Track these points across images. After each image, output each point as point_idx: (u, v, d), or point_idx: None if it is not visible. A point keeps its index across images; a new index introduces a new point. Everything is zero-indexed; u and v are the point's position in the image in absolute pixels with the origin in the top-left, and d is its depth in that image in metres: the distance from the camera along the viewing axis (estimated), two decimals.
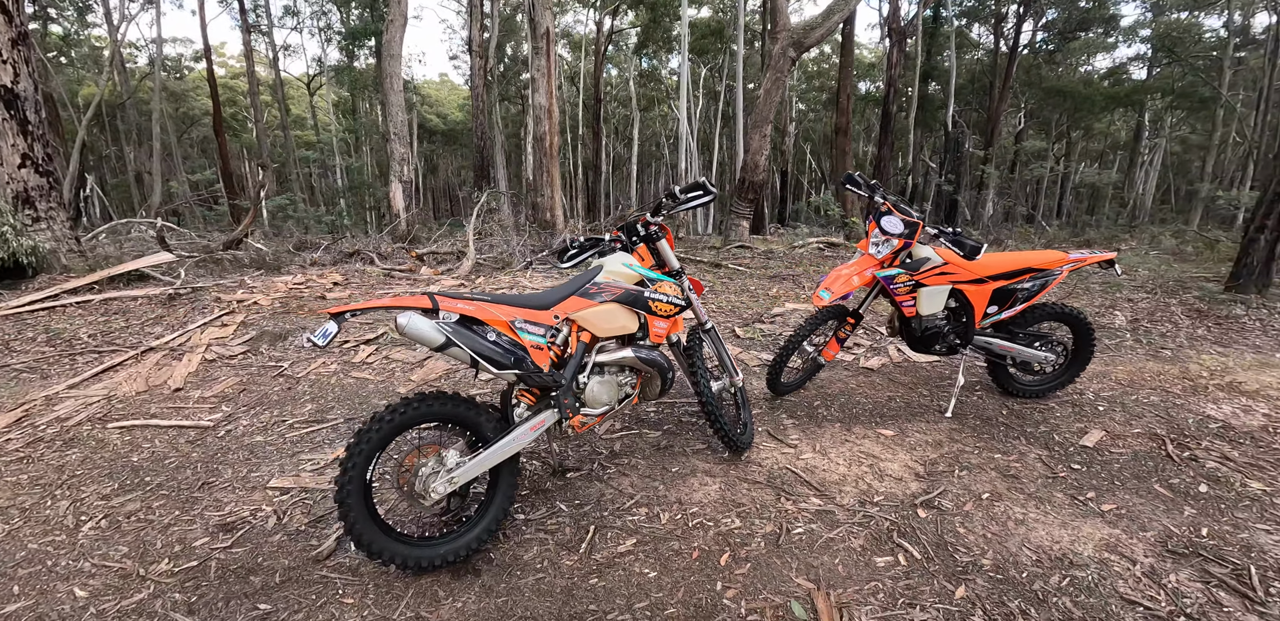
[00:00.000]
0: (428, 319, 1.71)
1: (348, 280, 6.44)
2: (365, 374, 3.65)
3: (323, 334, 1.62)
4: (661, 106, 24.17)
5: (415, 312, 1.70)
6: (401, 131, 9.14)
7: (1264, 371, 3.85)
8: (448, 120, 29.81)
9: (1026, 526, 2.19)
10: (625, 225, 2.30)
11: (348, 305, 1.68)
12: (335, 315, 1.65)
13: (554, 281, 6.34)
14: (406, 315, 1.68)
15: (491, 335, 1.79)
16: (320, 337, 1.61)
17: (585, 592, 1.78)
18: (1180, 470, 2.62)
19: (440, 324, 1.71)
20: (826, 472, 2.49)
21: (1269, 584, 1.93)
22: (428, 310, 1.73)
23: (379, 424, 1.71)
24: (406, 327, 1.66)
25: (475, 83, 13.39)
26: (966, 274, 2.76)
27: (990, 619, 1.74)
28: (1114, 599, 1.85)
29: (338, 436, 2.82)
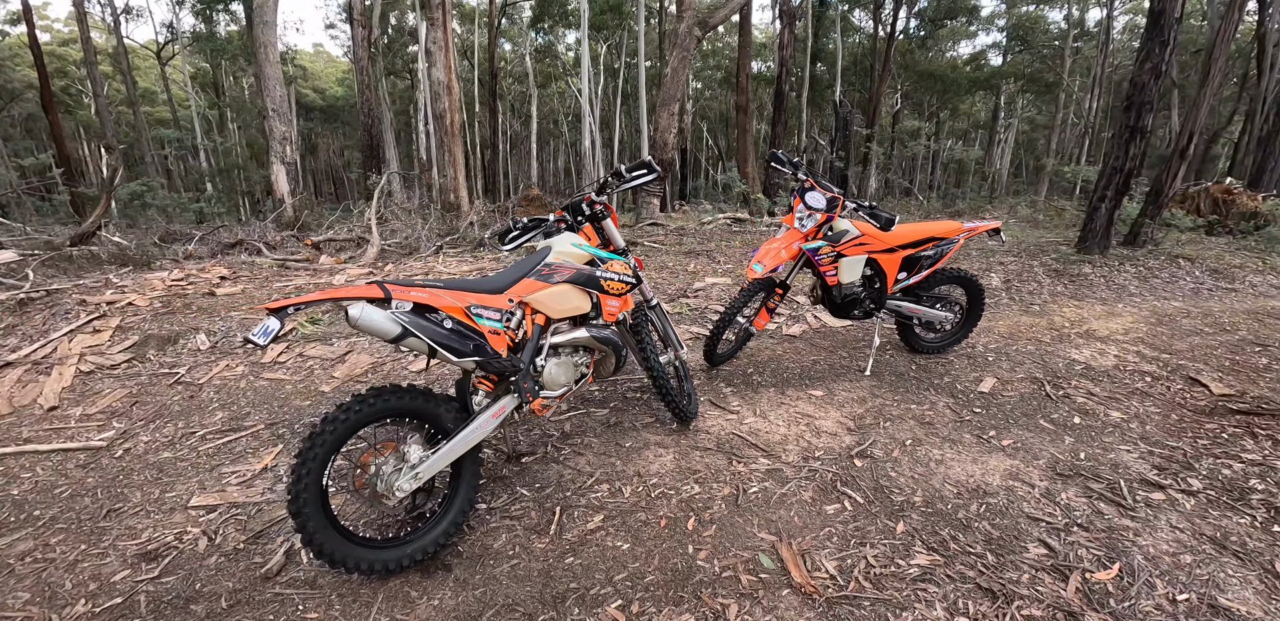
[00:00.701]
0: (380, 309, 1.61)
1: (236, 274, 5.82)
2: (280, 374, 3.36)
3: (263, 332, 1.47)
4: (559, 83, 23.54)
5: (366, 303, 1.59)
6: (281, 107, 8.27)
7: (1110, 320, 4.53)
8: (326, 96, 27.20)
9: (945, 465, 2.46)
10: (569, 205, 2.27)
11: (289, 298, 1.54)
12: (275, 311, 1.50)
13: (470, 266, 6.10)
14: (358, 306, 1.57)
15: (448, 322, 1.72)
16: (260, 336, 1.47)
17: (563, 572, 1.80)
18: (1058, 406, 3.04)
19: (395, 314, 1.61)
20: (770, 434, 2.65)
21: (1135, 493, 2.32)
22: (379, 300, 1.62)
23: (332, 425, 1.61)
24: (359, 319, 1.56)
25: (358, 55, 12.29)
26: (880, 244, 3.00)
27: (928, 546, 1.96)
28: (1022, 518, 2.14)
29: (261, 444, 2.59)
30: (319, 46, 33.91)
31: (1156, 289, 5.62)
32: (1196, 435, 2.83)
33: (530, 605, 1.68)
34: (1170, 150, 6.00)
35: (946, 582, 1.82)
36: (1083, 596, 1.80)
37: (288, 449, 2.54)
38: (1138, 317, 4.66)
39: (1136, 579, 1.87)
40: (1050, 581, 1.85)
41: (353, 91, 25.39)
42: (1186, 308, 5.08)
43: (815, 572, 1.83)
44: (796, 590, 1.76)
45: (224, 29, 20.17)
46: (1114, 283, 5.68)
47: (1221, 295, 5.66)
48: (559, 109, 25.54)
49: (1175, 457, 2.60)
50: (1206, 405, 3.17)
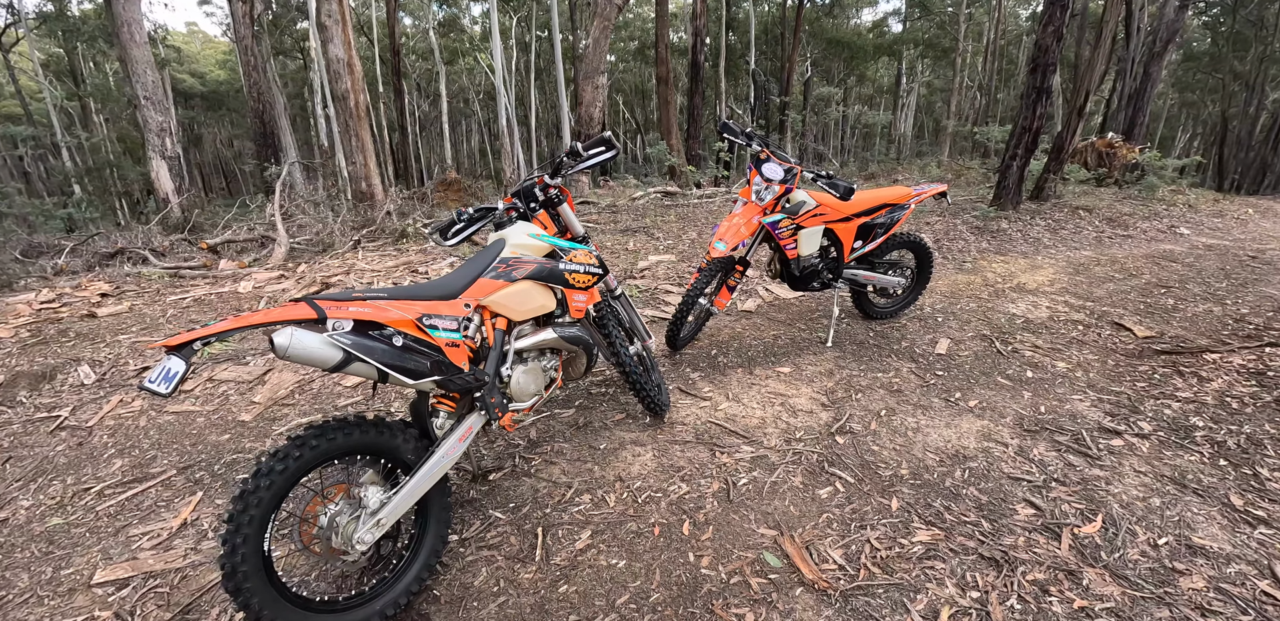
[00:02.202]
0: (314, 332, 1.33)
1: (120, 289, 5.08)
2: (187, 405, 2.91)
3: (164, 377, 1.17)
4: (466, 59, 22.17)
5: (295, 327, 1.31)
6: (155, 95, 7.21)
7: (1035, 272, 4.76)
8: (207, 80, 24.32)
9: (922, 433, 2.46)
10: (520, 190, 2.01)
11: (193, 331, 1.23)
12: (176, 349, 1.20)
13: (395, 261, 5.62)
14: (285, 332, 1.29)
15: (398, 339, 1.46)
16: (162, 383, 1.17)
17: (559, 604, 1.63)
18: (1009, 362, 3.14)
19: (332, 336, 1.34)
20: (746, 418, 2.56)
21: (1097, 442, 2.40)
22: (311, 321, 1.34)
23: (268, 478, 1.33)
24: (290, 348, 1.28)
25: (241, 33, 10.90)
26: (836, 213, 2.93)
27: (925, 521, 1.94)
28: (1004, 479, 2.17)
29: (174, 494, 2.21)
30: (193, 25, 29.56)
31: (1066, 240, 6.00)
32: (1134, 378, 3.00)
33: None
34: (1067, 109, 6.36)
35: (951, 557, 1.80)
36: (1076, 553, 1.83)
37: (209, 496, 2.18)
38: (1057, 268, 4.94)
39: (1119, 529, 1.92)
40: (1045, 541, 1.87)
41: (236, 74, 22.83)
42: (1095, 256, 5.44)
43: (823, 565, 1.76)
44: (809, 587, 1.68)
45: (76, 7, 17.33)
46: (1029, 236, 6.00)
47: (1120, 242, 6.11)
48: (469, 86, 24.17)
49: (1122, 402, 2.74)
50: (1135, 348, 3.37)
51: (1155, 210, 7.60)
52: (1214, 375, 3.01)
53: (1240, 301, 4.26)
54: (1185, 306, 4.12)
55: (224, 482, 2.27)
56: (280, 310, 1.33)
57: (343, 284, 4.77)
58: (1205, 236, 6.55)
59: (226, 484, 2.26)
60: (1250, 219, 7.80)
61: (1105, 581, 1.72)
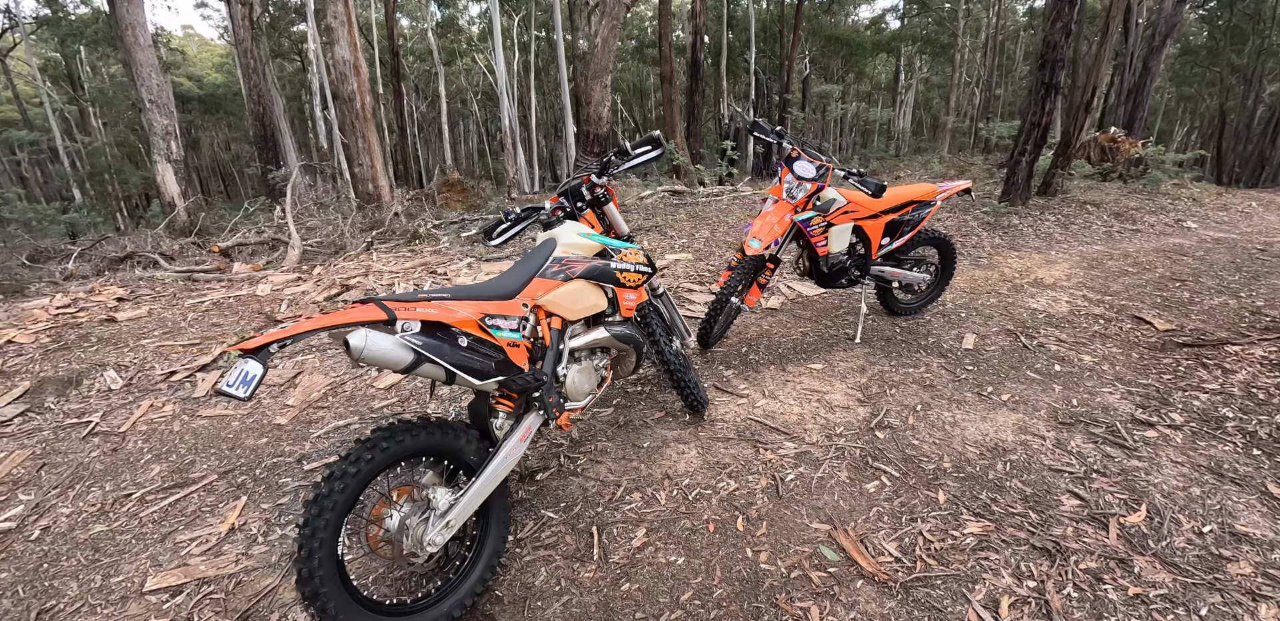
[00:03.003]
0: (385, 333, 1.35)
1: (135, 293, 5.08)
2: (220, 410, 2.91)
3: (242, 380, 1.18)
4: (464, 59, 22.12)
5: (368, 328, 1.32)
6: (161, 98, 7.19)
7: (1050, 267, 4.80)
8: (204, 84, 24.17)
9: (959, 427, 2.49)
10: (567, 189, 2.02)
11: (268, 334, 1.23)
12: (253, 352, 1.21)
13: (412, 262, 5.63)
14: (360, 334, 1.30)
15: (463, 340, 1.48)
16: (240, 386, 1.17)
17: (623, 602, 1.65)
18: (1036, 356, 3.17)
19: (404, 337, 1.35)
20: (785, 415, 2.59)
21: (1131, 433, 2.44)
22: (381, 322, 1.35)
23: (340, 482, 1.34)
24: (365, 351, 1.29)
25: (240, 36, 10.85)
26: (864, 211, 2.96)
27: (974, 512, 1.97)
28: (1045, 471, 2.20)
29: (218, 499, 2.20)
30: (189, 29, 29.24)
31: (1077, 234, 6.04)
32: (1160, 371, 3.03)
33: None
34: (1075, 104, 6.41)
35: (1003, 547, 1.83)
36: (1125, 542, 1.86)
37: (253, 501, 2.18)
38: (1072, 263, 4.98)
39: (1164, 518, 1.95)
40: (1093, 531, 1.90)
41: (233, 77, 22.71)
42: (1108, 250, 5.48)
43: (880, 557, 1.79)
44: (869, 579, 1.70)
45: (74, 10, 17.13)
46: (1040, 231, 6.04)
47: (1130, 236, 6.16)
48: (466, 87, 24.12)
49: (1151, 395, 2.78)
50: (1157, 341, 3.41)
51: (1161, 204, 7.65)
52: (1237, 367, 3.05)
53: (1254, 294, 4.30)
54: (1201, 299, 4.16)
55: (267, 487, 2.27)
56: (351, 312, 1.34)
57: (362, 286, 4.78)
58: (1212, 230, 6.60)
59: (270, 488, 2.26)
60: (1254, 212, 7.87)
61: (1156, 569, 1.75)
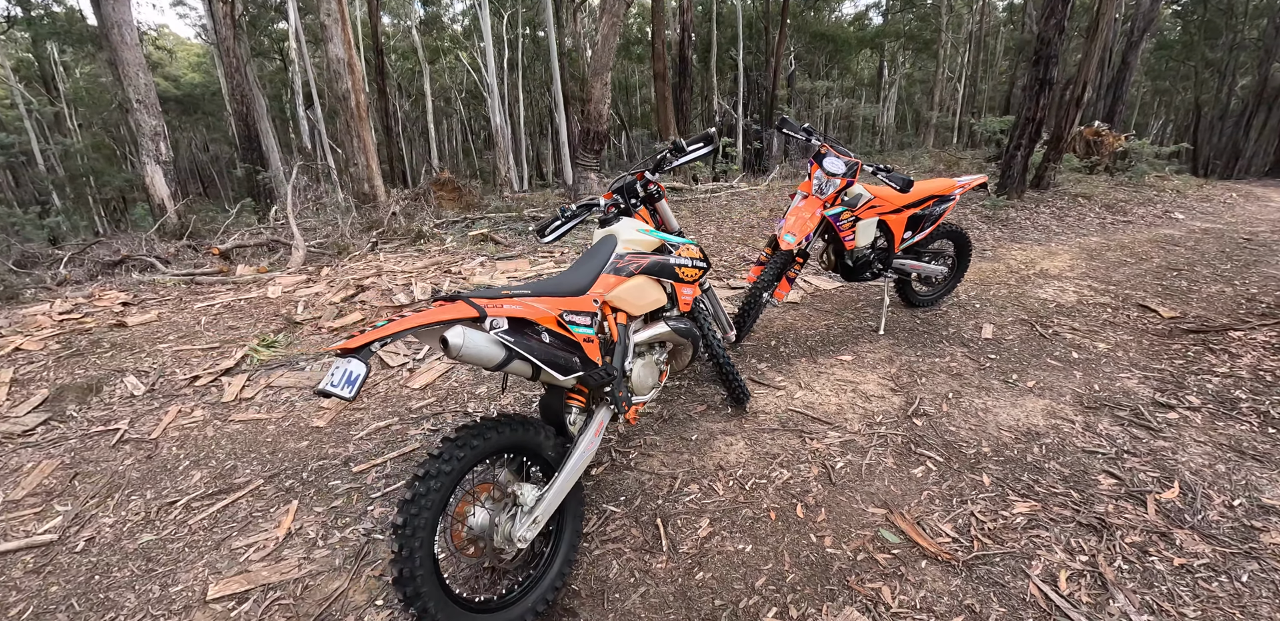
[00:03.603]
0: (478, 331, 1.37)
1: (139, 298, 5.00)
2: (253, 414, 2.89)
3: (347, 380, 1.18)
4: (448, 57, 21.89)
5: (464, 326, 1.35)
6: (148, 98, 7.04)
7: (1053, 258, 4.93)
8: (181, 84, 23.58)
9: (991, 413, 2.58)
10: (622, 186, 2.06)
11: (366, 333, 1.23)
12: (353, 351, 1.21)
13: (425, 262, 5.60)
14: (458, 331, 1.32)
15: (545, 336, 1.51)
16: (345, 386, 1.17)
17: (700, 590, 1.69)
18: (1053, 344, 3.28)
19: (497, 334, 1.38)
20: (824, 405, 2.65)
21: (1154, 415, 2.54)
22: (472, 319, 1.38)
23: (438, 479, 1.34)
24: (464, 348, 1.31)
25: (222, 34, 10.62)
26: (888, 205, 3.03)
27: (1019, 494, 2.05)
28: (1079, 453, 2.29)
29: (268, 504, 2.18)
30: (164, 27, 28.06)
31: (1073, 226, 6.21)
32: (1170, 356, 3.16)
33: None
34: (1065, 99, 6.58)
35: (1053, 525, 1.91)
36: (1163, 516, 1.95)
37: (305, 504, 2.17)
38: (1073, 255, 5.13)
39: (1195, 493, 2.05)
40: (1132, 508, 1.99)
41: (211, 77, 22.20)
42: (1104, 241, 5.64)
43: (938, 538, 1.86)
44: (933, 559, 1.77)
45: (47, 10, 16.55)
46: (1038, 224, 6.20)
47: (1122, 227, 6.34)
48: (451, 85, 23.88)
49: (1166, 379, 2.89)
50: (1164, 328, 3.54)
51: (1147, 196, 7.88)
52: (1243, 351, 3.18)
53: (1248, 282, 4.48)
54: (1199, 288, 4.32)
55: (317, 490, 2.26)
56: (443, 310, 1.36)
57: (376, 287, 4.76)
58: (1199, 220, 6.82)
59: (320, 491, 2.25)
60: (1236, 203, 8.13)
61: (1195, 540, 1.85)
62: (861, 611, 1.60)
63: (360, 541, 1.94)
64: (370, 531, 1.98)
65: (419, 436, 2.56)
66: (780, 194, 7.75)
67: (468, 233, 6.75)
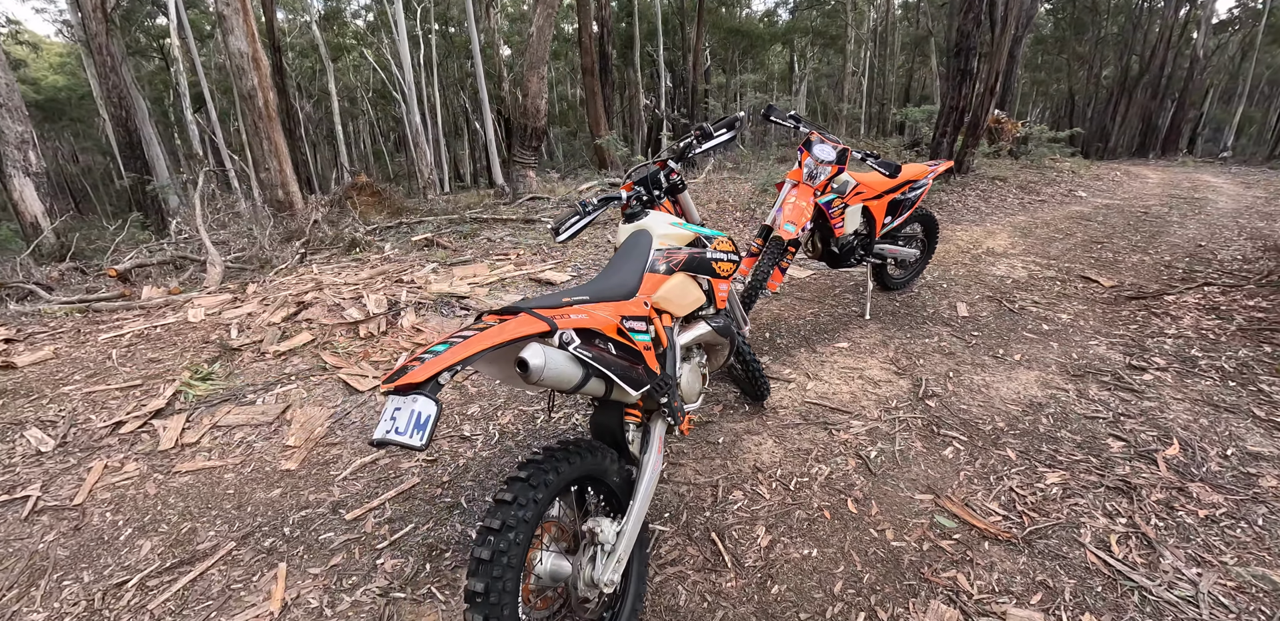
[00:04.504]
0: (555, 348, 1.20)
1: (24, 333, 4.29)
2: (202, 461, 2.46)
3: (415, 425, 0.96)
4: (351, 54, 20.51)
5: (538, 343, 1.17)
6: (11, 101, 6.04)
7: (993, 238, 5.24)
8: (41, 87, 20.63)
9: (992, 388, 2.66)
10: (645, 177, 1.91)
11: (429, 364, 1.01)
12: (416, 387, 0.99)
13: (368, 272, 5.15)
14: (536, 350, 1.13)
15: (612, 346, 1.35)
16: (413, 433, 0.95)
17: (779, 605, 1.59)
18: (1023, 318, 3.45)
19: (575, 351, 1.21)
20: (837, 395, 2.64)
21: (1133, 378, 2.72)
22: (544, 334, 1.20)
23: (517, 530, 1.11)
24: (546, 370, 1.12)
25: (92, 29, 9.27)
26: (871, 191, 3.07)
27: (1046, 465, 2.11)
28: (1082, 419, 2.40)
29: (249, 571, 1.84)
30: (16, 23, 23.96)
31: (999, 207, 6.64)
32: (1124, 322, 3.41)
33: None
34: (980, 89, 7.05)
35: (1085, 492, 1.98)
36: (1174, 472, 2.07)
37: (297, 566, 1.85)
38: (1008, 233, 5.47)
39: (1193, 448, 2.20)
40: (1146, 467, 2.10)
41: (78, 79, 19.58)
42: (1030, 220, 6.08)
43: (990, 517, 1.87)
44: (993, 540, 1.78)
45: None
46: (968, 206, 6.59)
47: (1039, 206, 6.87)
48: (356, 84, 22.46)
49: (1129, 343, 3.11)
50: (1109, 296, 3.83)
51: (1050, 177, 8.59)
52: (1181, 313, 3.49)
53: (1159, 250, 4.95)
54: (1122, 258, 4.72)
55: (307, 546, 1.94)
56: (511, 325, 1.16)
57: (320, 302, 4.34)
58: (1099, 197, 7.51)
59: (311, 547, 1.93)
60: (1122, 181, 9.04)
61: (1208, 491, 1.97)
62: (946, 603, 1.56)
63: (377, 604, 1.67)
64: (387, 590, 1.71)
65: (415, 470, 2.29)
66: (720, 186, 7.81)
67: (409, 238, 6.32)
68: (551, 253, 5.39)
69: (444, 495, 2.11)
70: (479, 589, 1.07)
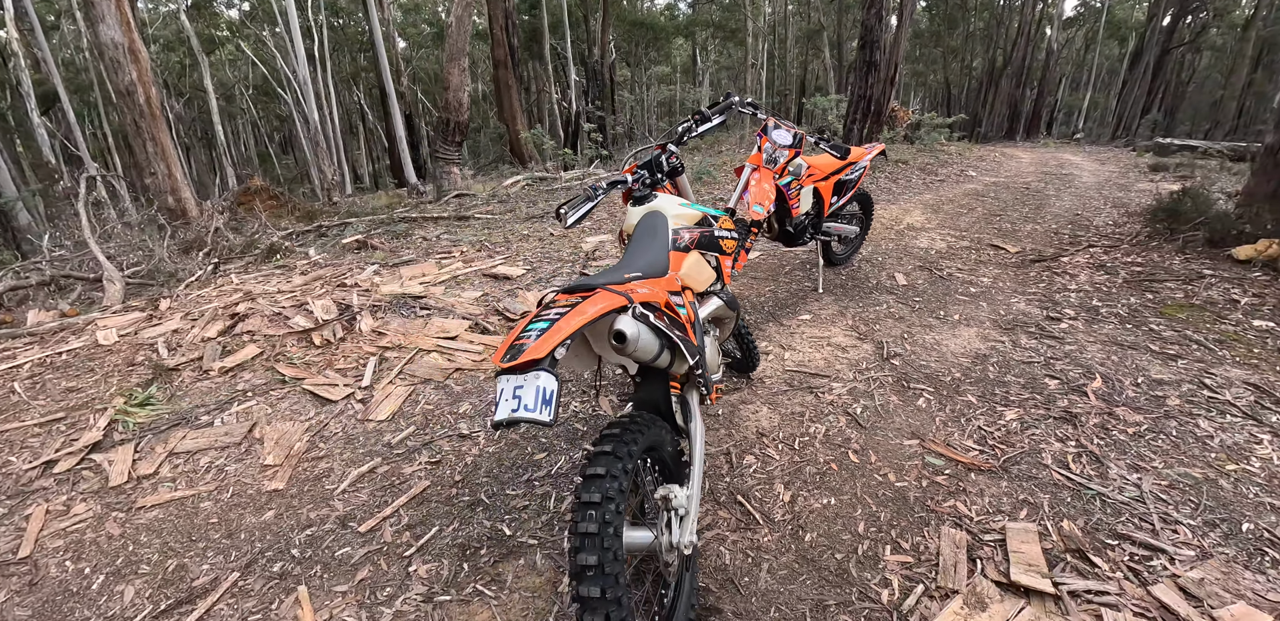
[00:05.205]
0: (636, 320, 1.25)
1: None
2: (168, 493, 2.24)
3: (542, 400, 0.97)
4: (225, 48, 18.64)
5: (627, 316, 1.22)
6: None
7: (909, 215, 5.73)
8: None
9: (943, 345, 2.97)
10: (649, 161, 1.96)
11: (541, 341, 1.01)
12: (534, 363, 1.01)
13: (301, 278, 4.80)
14: (628, 321, 1.19)
15: (665, 318, 1.42)
16: (541, 408, 0.96)
17: (817, 549, 1.73)
18: (953, 283, 3.85)
19: (657, 323, 1.27)
20: (813, 362, 2.84)
21: (1052, 327, 3.12)
22: (625, 308, 1.24)
23: (615, 499, 1.12)
24: (640, 340, 1.18)
25: None
26: (821, 173, 3.29)
27: (1003, 404, 2.41)
28: (1020, 365, 2.74)
29: (264, 600, 1.72)
30: None
31: (907, 188, 7.25)
32: (1034, 281, 3.88)
33: (825, 591, 1.59)
34: (881, 79, 7.64)
35: (1039, 423, 2.28)
36: (1102, 400, 2.43)
37: (318, 587, 1.74)
38: (921, 210, 6.00)
39: (1112, 380, 2.59)
40: (1079, 398, 2.45)
41: None
42: (936, 198, 6.68)
43: (970, 453, 2.12)
44: (977, 470, 2.02)
45: None
46: (881, 187, 7.14)
47: (939, 186, 7.55)
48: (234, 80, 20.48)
49: (1042, 299, 3.56)
50: (1016, 261, 4.33)
51: (943, 159, 9.44)
52: (1077, 271, 4.02)
53: (1046, 219, 5.63)
54: (1019, 227, 5.33)
55: (324, 565, 1.84)
56: (600, 300, 1.19)
57: (258, 312, 4.03)
58: (987, 176, 8.36)
59: (329, 566, 1.83)
60: (1002, 161, 10.09)
61: (1131, 413, 2.33)
62: (954, 527, 1.78)
63: (423, 611, 1.63)
64: (429, 595, 1.68)
65: (420, 474, 2.22)
66: None
67: (337, 242, 5.96)
68: (496, 248, 5.30)
69: (460, 494, 2.08)
70: (591, 561, 1.09)
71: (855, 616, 1.50)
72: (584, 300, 1.19)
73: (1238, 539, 1.73)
